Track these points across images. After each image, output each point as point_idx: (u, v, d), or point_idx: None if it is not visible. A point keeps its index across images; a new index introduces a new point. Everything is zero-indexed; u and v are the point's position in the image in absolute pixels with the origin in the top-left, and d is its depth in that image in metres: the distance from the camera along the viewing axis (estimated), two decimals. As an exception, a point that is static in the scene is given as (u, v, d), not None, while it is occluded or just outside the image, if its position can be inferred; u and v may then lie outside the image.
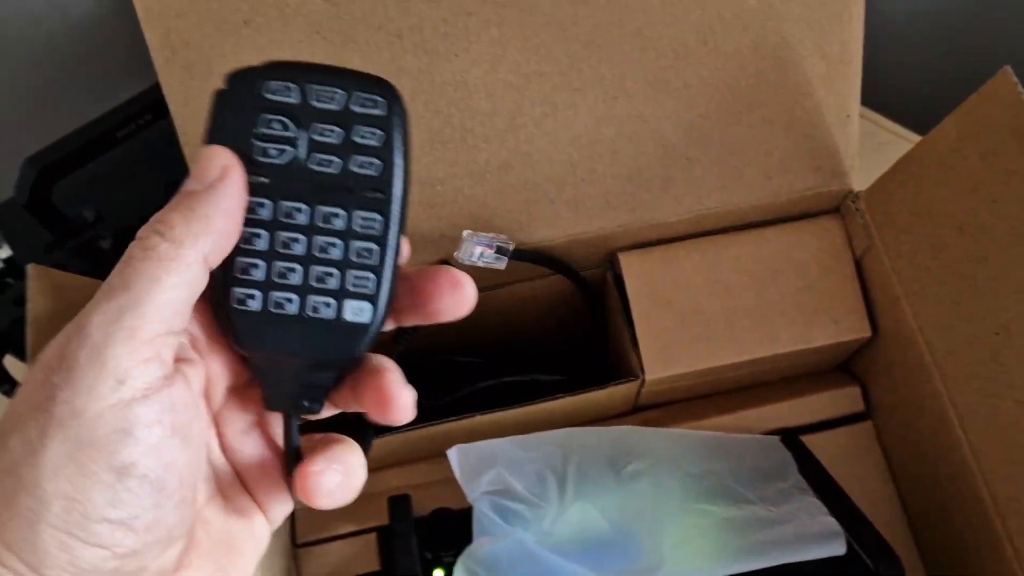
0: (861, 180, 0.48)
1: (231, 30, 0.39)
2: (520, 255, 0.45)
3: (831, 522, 0.42)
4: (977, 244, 0.41)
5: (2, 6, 0.72)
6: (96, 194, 0.53)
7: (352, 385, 0.28)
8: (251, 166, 0.26)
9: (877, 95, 0.64)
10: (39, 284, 0.37)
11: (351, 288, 0.26)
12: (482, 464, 0.46)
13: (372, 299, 0.27)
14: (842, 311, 0.48)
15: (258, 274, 0.26)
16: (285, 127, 0.26)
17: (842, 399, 0.52)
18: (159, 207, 0.53)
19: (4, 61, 0.73)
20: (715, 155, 0.46)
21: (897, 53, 0.78)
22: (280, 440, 0.29)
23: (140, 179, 0.54)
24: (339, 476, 0.27)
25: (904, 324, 0.46)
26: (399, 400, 0.27)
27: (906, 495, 0.50)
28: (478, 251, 0.43)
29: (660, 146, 0.45)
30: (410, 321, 0.29)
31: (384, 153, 0.26)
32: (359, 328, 0.27)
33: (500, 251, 0.43)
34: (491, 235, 0.43)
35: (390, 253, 0.27)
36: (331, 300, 0.26)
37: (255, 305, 0.26)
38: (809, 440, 0.50)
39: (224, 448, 0.29)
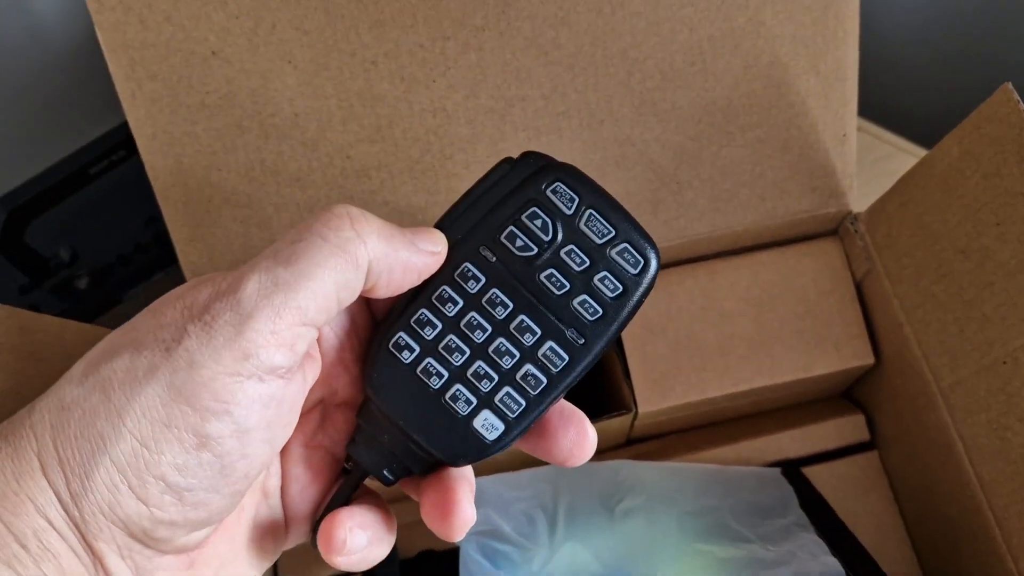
0: (861, 195, 0.47)
1: (199, 61, 0.38)
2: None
3: (832, 563, 0.40)
4: (981, 269, 0.39)
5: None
6: (71, 233, 0.52)
7: (425, 478, 0.28)
8: (490, 242, 0.26)
9: (875, 106, 0.63)
10: (6, 326, 0.36)
11: (498, 402, 0.26)
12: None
13: (508, 423, 0.26)
14: (843, 337, 0.46)
15: (429, 334, 0.26)
16: (546, 229, 0.26)
17: (846, 428, 0.50)
18: (136, 244, 0.52)
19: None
20: (706, 178, 0.44)
21: (894, 63, 0.76)
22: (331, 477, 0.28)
23: (116, 216, 0.53)
24: (365, 540, 0.26)
25: (908, 351, 0.44)
26: (461, 514, 0.26)
27: (913, 529, 0.48)
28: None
29: (649, 170, 0.43)
30: (525, 447, 0.28)
31: (611, 308, 0.26)
32: (479, 442, 0.26)
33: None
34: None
35: (552, 395, 0.26)
36: (473, 400, 0.26)
37: (407, 358, 0.26)
38: (812, 472, 0.48)
39: (282, 453, 0.28)
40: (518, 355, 0.26)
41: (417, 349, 0.26)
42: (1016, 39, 0.74)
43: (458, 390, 0.26)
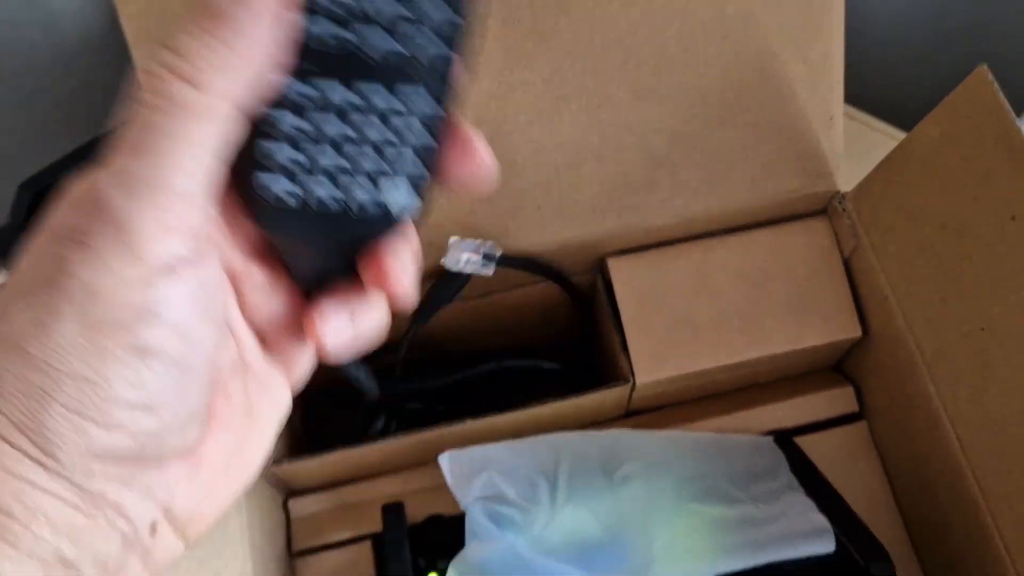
0: (850, 180, 0.49)
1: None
2: (507, 261, 0.46)
3: (820, 519, 0.42)
4: (961, 242, 0.41)
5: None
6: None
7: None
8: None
9: (867, 96, 0.65)
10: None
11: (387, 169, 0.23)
12: (474, 470, 0.46)
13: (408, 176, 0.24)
14: (832, 311, 0.49)
15: (287, 130, 0.23)
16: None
17: (836, 400, 0.52)
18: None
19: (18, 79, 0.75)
20: (700, 159, 0.46)
21: (884, 53, 0.78)
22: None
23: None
24: (347, 318, 0.25)
25: (893, 324, 0.46)
26: (400, 275, 0.24)
27: (901, 495, 0.50)
28: (464, 257, 0.43)
29: (645, 151, 0.45)
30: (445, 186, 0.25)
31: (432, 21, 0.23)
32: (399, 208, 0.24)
33: (487, 257, 0.44)
34: (478, 241, 0.44)
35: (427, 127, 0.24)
36: (366, 180, 0.23)
37: (283, 186, 0.23)
38: (803, 441, 0.50)
39: (243, 307, 0.26)
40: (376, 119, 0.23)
41: (288, 163, 0.23)
42: (995, 28, 0.76)
43: (347, 181, 0.24)
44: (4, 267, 0.55)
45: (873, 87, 0.65)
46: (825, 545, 0.41)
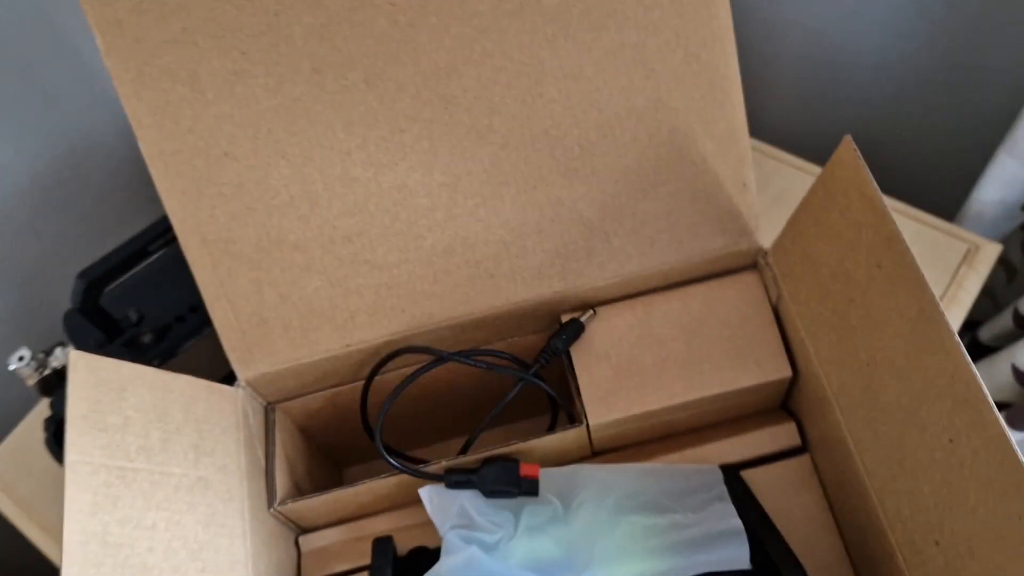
0: (764, 212, 0.55)
1: (214, 160, 0.50)
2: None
3: (736, 522, 0.48)
4: (846, 288, 0.47)
5: (65, 156, 0.88)
6: (137, 298, 0.65)
7: None
8: None
9: (758, 124, 0.73)
10: (78, 365, 0.47)
11: None
12: (450, 501, 0.53)
13: None
14: (764, 355, 0.54)
15: None
16: None
17: (780, 435, 0.57)
18: (190, 306, 0.64)
19: (77, 192, 0.89)
20: (629, 227, 0.53)
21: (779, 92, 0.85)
22: None
23: (170, 284, 0.66)
24: None
25: (809, 363, 0.52)
26: None
27: (840, 521, 0.54)
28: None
29: (580, 223, 0.53)
30: None
31: None
32: None
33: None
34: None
35: None
36: None
37: None
38: (750, 474, 0.56)
39: None
40: None
41: None
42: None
43: None
44: (70, 342, 0.65)
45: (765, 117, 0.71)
46: (738, 545, 0.47)
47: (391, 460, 0.53)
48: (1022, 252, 0.91)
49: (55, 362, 0.66)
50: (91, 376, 0.47)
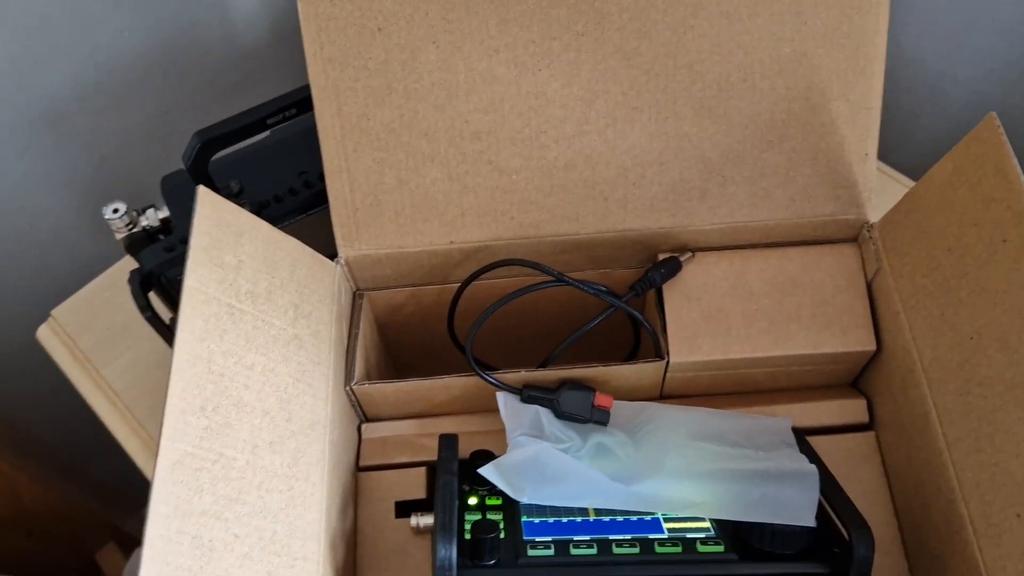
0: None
1: (368, 34, 0.51)
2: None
3: (809, 466, 0.49)
4: (961, 262, 0.48)
5: (182, 27, 0.89)
6: (241, 171, 0.66)
7: None
8: None
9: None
10: (204, 200, 0.48)
11: None
12: (523, 409, 0.54)
13: None
14: (851, 325, 0.55)
15: None
16: None
17: (849, 409, 0.58)
18: (289, 188, 0.65)
19: (202, 64, 0.91)
20: (747, 176, 0.54)
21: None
22: None
23: (278, 163, 0.66)
24: None
25: (901, 336, 0.52)
26: None
27: (898, 500, 0.55)
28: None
29: (701, 163, 0.54)
30: None
31: None
32: None
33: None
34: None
35: None
36: None
37: None
38: (815, 441, 0.56)
39: None
40: None
41: None
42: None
43: None
44: (165, 203, 0.66)
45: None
46: (809, 483, 0.47)
47: (476, 366, 0.54)
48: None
49: (146, 221, 0.67)
50: (214, 214, 0.48)
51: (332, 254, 0.56)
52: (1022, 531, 0.43)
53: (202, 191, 0.48)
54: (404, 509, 0.56)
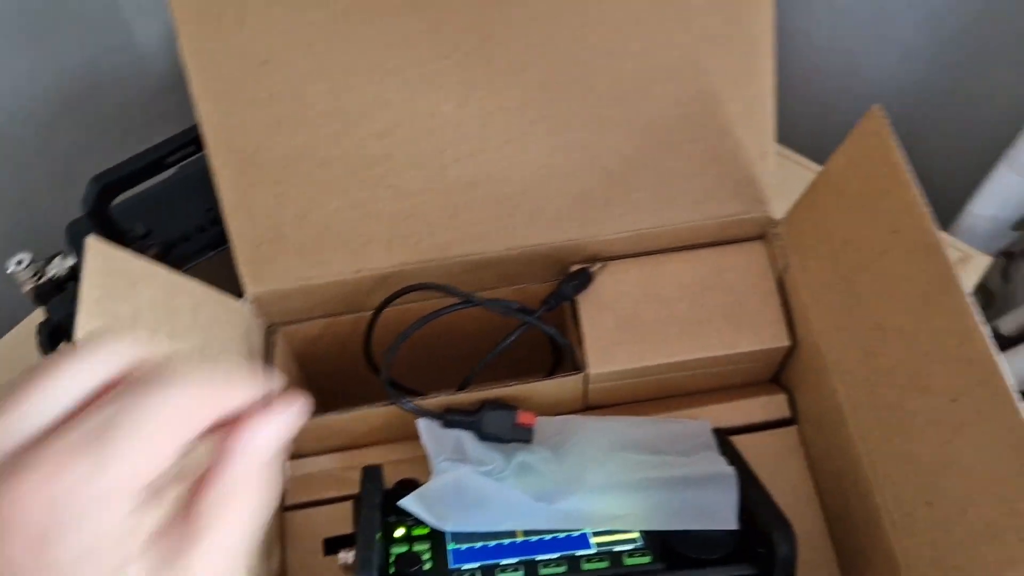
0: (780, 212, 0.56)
1: (253, 67, 0.50)
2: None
3: (727, 468, 0.49)
4: (859, 255, 0.48)
5: (84, 69, 0.87)
6: (146, 212, 0.64)
7: None
8: None
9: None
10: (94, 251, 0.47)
11: None
12: (445, 435, 0.53)
13: None
14: (764, 322, 0.55)
15: None
16: None
17: (771, 405, 0.58)
18: (198, 226, 0.64)
19: (106, 106, 0.88)
20: (650, 182, 0.54)
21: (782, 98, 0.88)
22: None
23: (181, 201, 0.65)
24: None
25: (811, 330, 0.53)
26: None
27: (822, 491, 0.56)
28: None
29: (602, 172, 0.54)
30: None
31: None
32: None
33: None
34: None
35: None
36: None
37: None
38: (739, 441, 0.57)
39: None
40: None
41: None
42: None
43: None
44: (72, 250, 0.64)
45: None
46: (728, 488, 0.48)
47: (395, 392, 0.53)
48: (1001, 278, 0.94)
49: (53, 270, 0.65)
50: (105, 264, 0.47)
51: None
52: (932, 519, 0.43)
53: (90, 242, 0.47)
54: (333, 546, 0.55)
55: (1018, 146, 0.69)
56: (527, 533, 0.50)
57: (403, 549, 0.49)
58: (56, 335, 0.62)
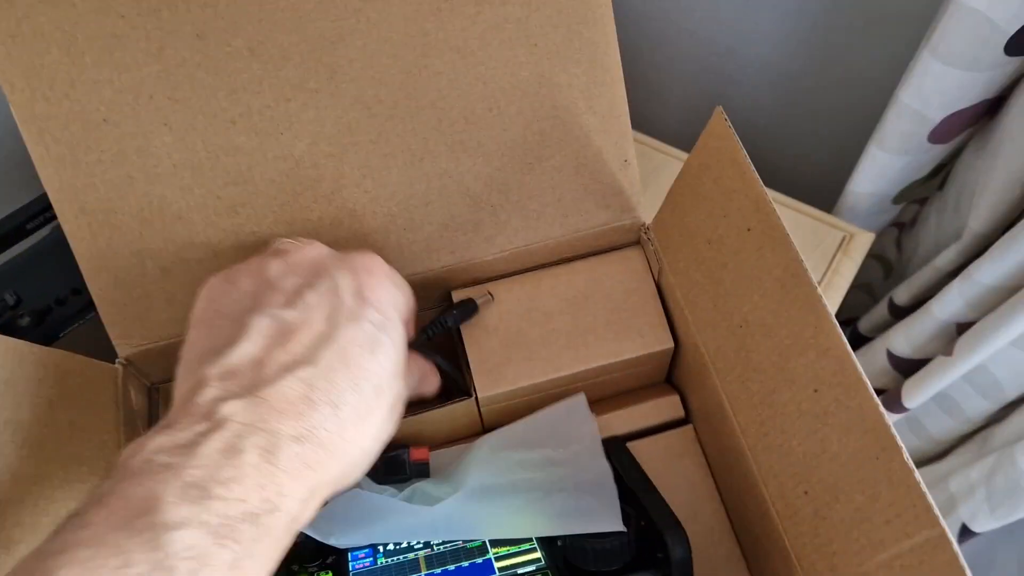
0: (652, 202, 0.56)
1: (93, 127, 0.49)
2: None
3: (602, 463, 0.49)
4: (720, 253, 0.49)
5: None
6: (13, 281, 0.62)
7: None
8: None
9: (650, 123, 0.75)
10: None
11: None
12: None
13: None
14: (647, 327, 0.56)
15: None
16: None
17: (664, 407, 0.59)
18: (72, 288, 0.62)
19: None
20: (515, 201, 0.54)
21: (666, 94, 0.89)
22: None
23: (50, 266, 0.63)
24: None
25: (688, 331, 0.53)
26: None
27: (721, 487, 0.56)
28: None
29: (466, 196, 0.54)
30: None
31: None
32: None
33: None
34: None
35: None
36: None
37: None
38: (636, 446, 0.57)
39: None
40: None
41: None
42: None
43: None
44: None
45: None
46: (607, 490, 0.48)
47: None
48: (896, 248, 0.96)
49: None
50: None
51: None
52: (811, 506, 0.44)
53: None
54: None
55: (884, 126, 0.70)
56: (431, 565, 0.49)
57: (306, 598, 0.48)
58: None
